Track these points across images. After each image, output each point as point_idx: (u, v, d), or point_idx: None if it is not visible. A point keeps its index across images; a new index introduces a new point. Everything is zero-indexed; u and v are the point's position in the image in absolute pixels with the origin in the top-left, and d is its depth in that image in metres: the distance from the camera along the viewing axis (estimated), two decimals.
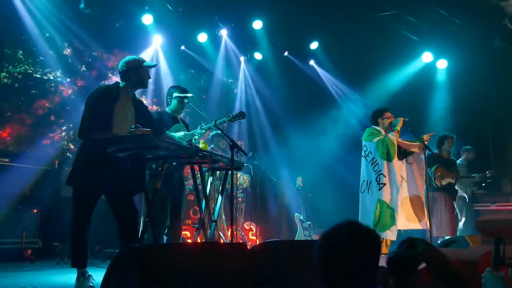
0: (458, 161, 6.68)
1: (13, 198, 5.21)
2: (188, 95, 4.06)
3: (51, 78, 6.68)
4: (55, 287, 3.63)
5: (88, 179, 3.30)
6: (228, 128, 8.60)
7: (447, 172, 5.93)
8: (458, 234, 5.93)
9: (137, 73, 3.52)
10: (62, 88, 6.78)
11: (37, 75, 6.55)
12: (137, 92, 3.77)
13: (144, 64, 3.56)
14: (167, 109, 4.37)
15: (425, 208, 4.95)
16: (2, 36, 6.19)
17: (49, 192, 5.67)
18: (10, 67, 6.33)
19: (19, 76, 6.38)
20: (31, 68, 6.50)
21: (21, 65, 6.44)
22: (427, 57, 8.58)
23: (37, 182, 5.50)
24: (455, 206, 6.16)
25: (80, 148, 3.47)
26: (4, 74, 6.25)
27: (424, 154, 4.91)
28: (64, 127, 6.67)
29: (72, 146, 6.64)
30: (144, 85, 3.63)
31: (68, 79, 6.81)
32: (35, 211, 5.35)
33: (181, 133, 4.10)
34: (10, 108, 6.23)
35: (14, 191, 5.25)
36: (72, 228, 3.37)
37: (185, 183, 4.63)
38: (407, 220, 4.98)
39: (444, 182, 5.86)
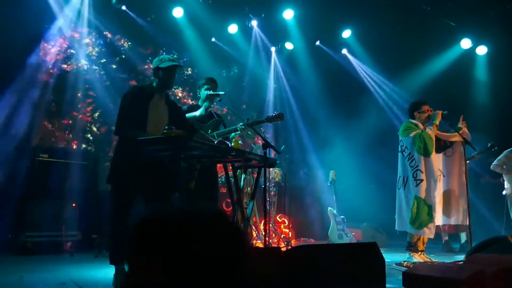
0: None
1: (53, 193, 5.39)
2: (220, 93, 4.03)
3: (84, 68, 6.81)
4: (93, 281, 3.71)
5: (125, 178, 3.36)
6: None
7: None
8: None
9: (158, 74, 3.54)
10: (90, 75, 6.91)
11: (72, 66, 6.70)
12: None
13: (160, 65, 3.51)
14: (199, 102, 4.36)
15: (460, 202, 4.81)
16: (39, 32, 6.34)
17: (87, 186, 5.82)
18: None
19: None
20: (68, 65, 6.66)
21: None
22: (465, 43, 8.24)
23: (75, 177, 5.65)
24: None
25: (116, 146, 3.55)
26: None
27: (464, 147, 4.73)
28: (89, 108, 6.80)
29: (94, 129, 6.77)
30: (166, 86, 3.59)
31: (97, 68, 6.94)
32: (74, 205, 5.51)
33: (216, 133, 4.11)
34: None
35: (53, 185, 5.43)
36: (110, 226, 3.44)
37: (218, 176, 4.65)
38: (444, 216, 4.85)
39: None
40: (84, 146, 6.61)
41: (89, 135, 6.73)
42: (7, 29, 5.48)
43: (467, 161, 6.18)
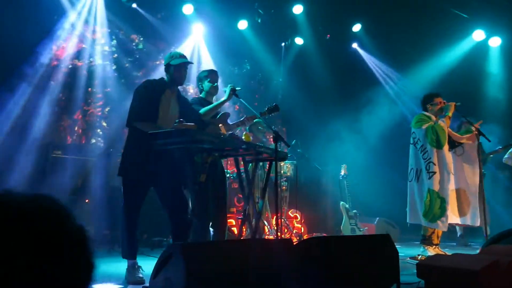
0: None
1: (67, 189, 5.43)
2: (237, 88, 3.98)
3: (95, 63, 6.85)
4: (106, 276, 3.73)
5: (136, 170, 3.38)
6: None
7: None
8: None
9: (169, 70, 3.56)
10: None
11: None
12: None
13: (171, 62, 3.55)
14: (202, 95, 4.23)
15: (473, 202, 4.71)
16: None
17: (99, 182, 5.86)
18: None
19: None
20: (80, 61, 6.72)
21: None
22: (478, 35, 8.10)
23: (88, 173, 5.70)
24: None
25: (127, 139, 3.58)
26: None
27: (478, 139, 4.66)
28: (100, 103, 6.83)
29: (104, 124, 6.81)
30: (177, 83, 3.62)
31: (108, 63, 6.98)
32: (87, 201, 5.56)
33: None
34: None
35: (67, 182, 5.48)
36: (122, 220, 3.46)
37: (227, 171, 4.62)
38: (452, 214, 4.77)
39: None
40: (95, 141, 6.66)
41: (99, 130, 6.78)
42: (18, 25, 5.53)
43: (491, 155, 6.10)
